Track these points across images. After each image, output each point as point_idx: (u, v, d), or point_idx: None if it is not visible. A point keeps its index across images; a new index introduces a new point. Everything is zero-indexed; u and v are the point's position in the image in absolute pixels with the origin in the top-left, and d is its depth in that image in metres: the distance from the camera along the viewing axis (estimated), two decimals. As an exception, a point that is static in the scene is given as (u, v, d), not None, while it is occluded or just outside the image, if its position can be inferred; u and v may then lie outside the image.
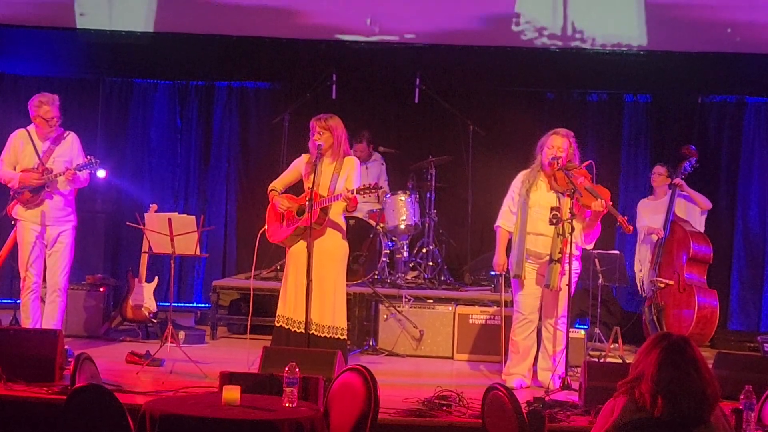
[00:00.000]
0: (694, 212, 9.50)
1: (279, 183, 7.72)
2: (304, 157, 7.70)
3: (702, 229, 9.40)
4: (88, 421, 4.65)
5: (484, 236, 10.86)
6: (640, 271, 9.51)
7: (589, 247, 7.56)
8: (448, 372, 8.42)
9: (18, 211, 7.95)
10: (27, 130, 8.03)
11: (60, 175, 7.82)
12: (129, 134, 11.80)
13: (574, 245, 7.18)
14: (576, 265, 7.38)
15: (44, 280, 8.03)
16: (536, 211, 7.33)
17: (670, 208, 9.25)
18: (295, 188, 7.81)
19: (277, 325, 7.52)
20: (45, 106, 7.90)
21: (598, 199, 7.09)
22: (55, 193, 7.94)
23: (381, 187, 8.18)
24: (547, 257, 7.25)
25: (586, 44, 9.82)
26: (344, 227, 7.65)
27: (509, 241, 7.55)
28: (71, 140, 8.08)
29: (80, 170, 7.85)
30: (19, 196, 7.90)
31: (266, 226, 7.64)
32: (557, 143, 7.31)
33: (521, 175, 7.53)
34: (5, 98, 11.51)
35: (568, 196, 7.12)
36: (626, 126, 11.40)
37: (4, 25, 9.87)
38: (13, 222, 8.07)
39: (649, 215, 9.50)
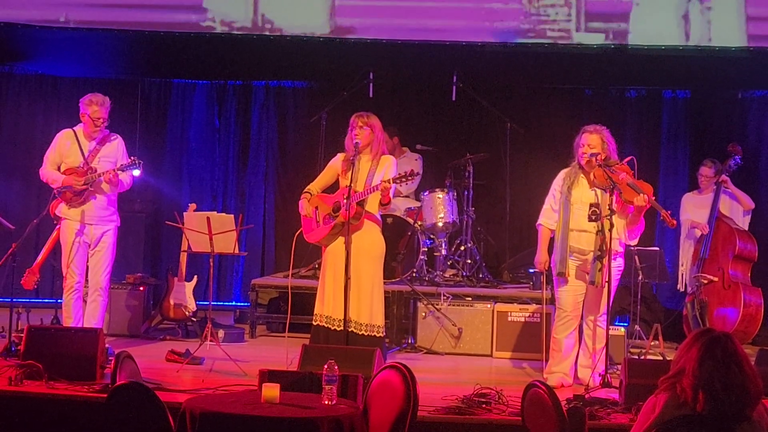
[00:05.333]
0: (738, 211, 9.39)
1: (315, 185, 7.74)
2: (340, 156, 7.73)
3: (746, 228, 9.31)
4: (129, 419, 4.67)
5: (522, 233, 10.83)
6: (683, 265, 9.43)
7: (633, 243, 7.52)
8: (487, 369, 8.39)
9: (61, 209, 8.00)
10: (74, 130, 8.08)
11: (103, 174, 7.87)
12: (167, 134, 11.90)
13: (616, 241, 7.15)
14: (619, 262, 7.33)
15: (86, 280, 8.08)
16: (578, 208, 7.29)
17: (715, 204, 9.17)
18: (332, 188, 7.82)
19: (315, 323, 7.56)
20: (95, 105, 7.94)
21: (640, 194, 7.05)
22: (99, 192, 7.99)
23: (417, 173, 8.14)
24: (591, 254, 7.21)
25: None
26: (380, 223, 7.67)
27: (551, 239, 7.54)
28: (117, 143, 8.12)
29: (123, 171, 7.90)
30: (61, 195, 7.96)
31: (302, 229, 7.67)
32: (588, 140, 7.30)
33: (562, 173, 7.50)
34: (45, 99, 11.64)
35: (610, 193, 7.09)
36: (665, 122, 11.33)
37: (44, 27, 9.92)
38: (56, 221, 8.13)
39: (693, 209, 9.43)
